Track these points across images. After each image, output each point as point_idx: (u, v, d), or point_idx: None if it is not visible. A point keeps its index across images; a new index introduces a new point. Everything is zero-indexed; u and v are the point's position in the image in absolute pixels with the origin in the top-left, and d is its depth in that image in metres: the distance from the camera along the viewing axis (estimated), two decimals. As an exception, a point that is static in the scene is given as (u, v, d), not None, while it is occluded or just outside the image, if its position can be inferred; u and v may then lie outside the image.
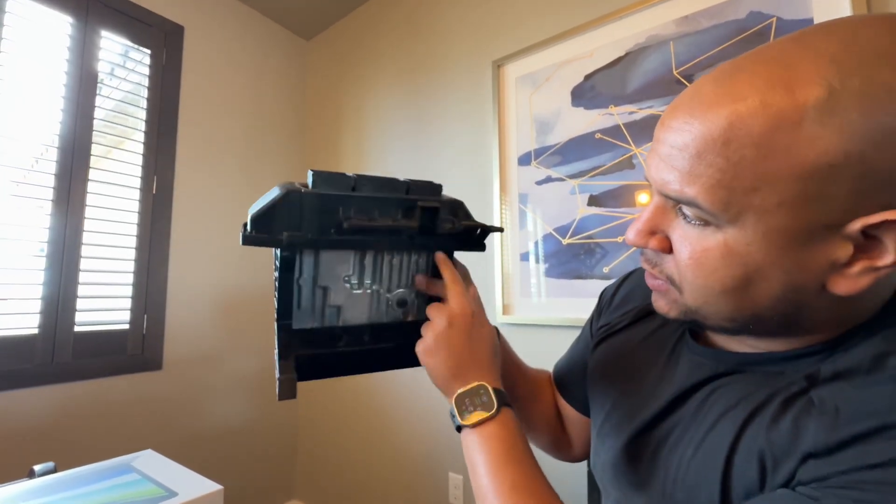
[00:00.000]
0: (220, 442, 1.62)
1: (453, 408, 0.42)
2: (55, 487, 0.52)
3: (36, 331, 1.24)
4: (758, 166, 0.26)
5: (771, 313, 0.30)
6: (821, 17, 0.87)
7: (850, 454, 0.25)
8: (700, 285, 0.31)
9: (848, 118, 0.23)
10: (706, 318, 0.33)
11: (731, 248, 0.29)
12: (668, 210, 0.32)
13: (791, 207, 0.26)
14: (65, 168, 1.31)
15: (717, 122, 0.27)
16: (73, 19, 1.36)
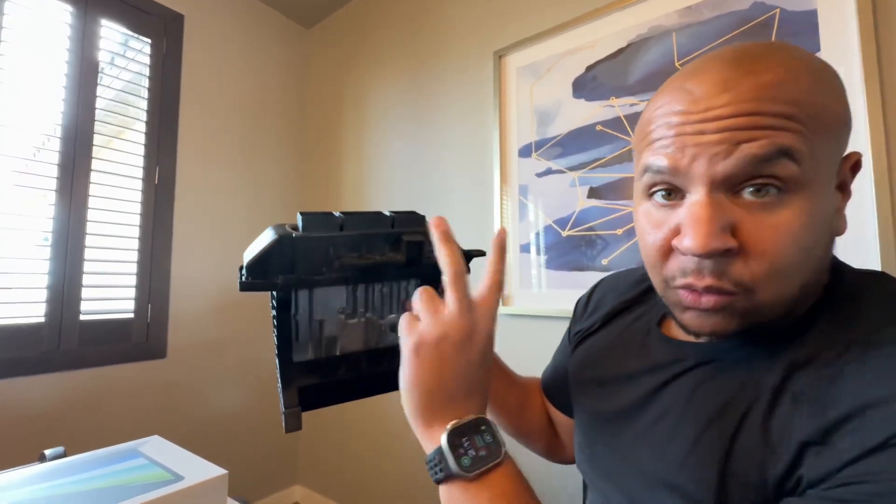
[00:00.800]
0: (224, 429, 1.65)
1: (443, 449, 0.31)
2: (65, 471, 0.54)
3: (42, 319, 1.26)
4: (816, 118, 0.28)
5: (814, 277, 0.32)
6: (825, 8, 0.86)
7: (844, 442, 0.26)
8: (781, 269, 0.29)
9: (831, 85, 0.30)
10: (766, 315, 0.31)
11: (806, 209, 0.29)
12: (723, 202, 0.30)
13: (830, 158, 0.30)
14: (67, 158, 1.32)
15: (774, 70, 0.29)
16: (73, 8, 1.36)
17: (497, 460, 0.31)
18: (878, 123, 0.80)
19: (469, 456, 0.31)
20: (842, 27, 0.84)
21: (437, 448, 0.32)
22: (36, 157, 1.30)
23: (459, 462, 0.31)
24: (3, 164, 1.20)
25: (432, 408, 0.33)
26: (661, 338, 0.42)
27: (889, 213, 0.78)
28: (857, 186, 0.81)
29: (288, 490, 1.87)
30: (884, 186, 0.79)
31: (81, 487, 0.49)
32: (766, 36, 0.92)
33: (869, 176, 0.80)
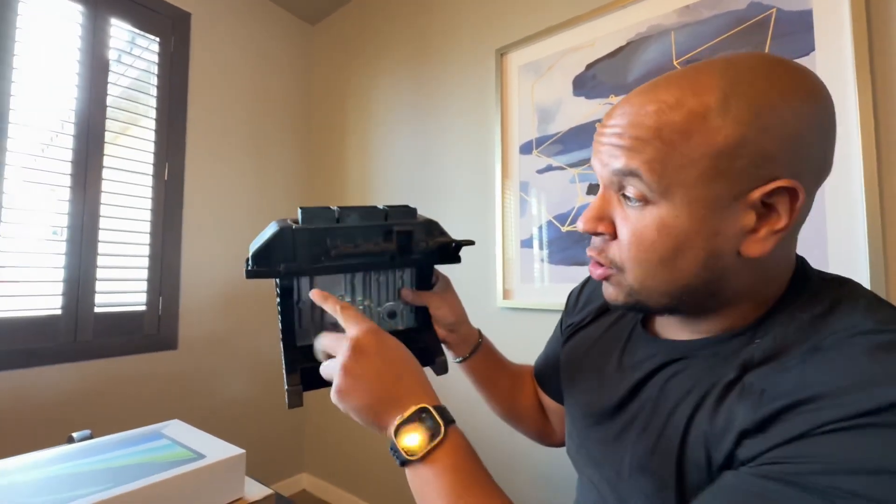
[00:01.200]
0: (232, 417, 1.70)
1: (394, 441, 0.36)
2: (94, 451, 0.58)
3: (59, 311, 1.30)
4: (681, 148, 0.33)
5: (698, 281, 0.35)
6: (820, 8, 0.88)
7: (776, 430, 0.29)
8: (640, 259, 0.36)
9: (738, 113, 0.32)
10: (648, 297, 0.38)
11: (663, 221, 0.34)
12: (612, 198, 0.38)
13: (707, 180, 0.33)
14: (80, 155, 1.35)
15: (648, 114, 0.34)
16: (84, 7, 1.39)
17: (437, 440, 0.35)
18: (868, 123, 0.82)
19: (413, 443, 0.35)
20: (836, 27, 0.86)
21: (391, 443, 0.36)
22: (47, 154, 1.34)
23: (408, 451, 0.35)
24: (18, 159, 1.24)
25: (379, 413, 0.37)
26: (642, 335, 0.46)
27: (878, 213, 0.80)
28: (848, 188, 0.83)
29: (295, 477, 1.92)
30: (873, 186, 0.81)
31: (111, 464, 0.53)
32: (763, 35, 0.94)
33: (859, 176, 0.83)
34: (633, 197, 0.35)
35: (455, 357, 0.60)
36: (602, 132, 0.37)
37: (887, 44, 0.82)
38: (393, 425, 0.36)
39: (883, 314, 0.32)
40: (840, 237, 0.84)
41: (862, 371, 0.28)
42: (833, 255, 0.85)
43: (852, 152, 0.84)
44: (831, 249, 0.85)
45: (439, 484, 0.34)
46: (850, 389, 0.28)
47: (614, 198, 0.38)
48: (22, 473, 0.52)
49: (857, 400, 0.27)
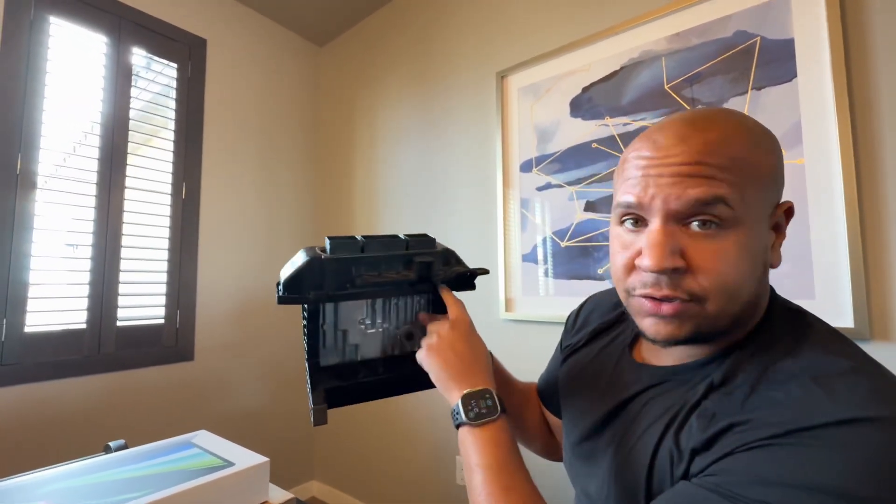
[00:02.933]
0: (244, 426, 1.76)
1: (459, 405, 0.44)
2: (130, 459, 0.64)
3: (84, 326, 1.37)
4: (749, 172, 0.36)
5: (753, 296, 0.39)
6: (801, 38, 0.94)
7: (716, 448, 0.34)
8: (726, 284, 0.36)
9: (765, 143, 0.38)
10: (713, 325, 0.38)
11: (741, 242, 0.36)
12: (676, 231, 0.37)
13: (763, 201, 0.37)
14: (103, 176, 1.43)
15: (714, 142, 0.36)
16: (108, 38, 1.48)
17: (493, 417, 0.44)
18: (847, 143, 0.87)
19: (474, 411, 0.44)
20: (816, 56, 0.92)
21: (456, 405, 0.45)
22: (72, 176, 1.42)
23: (467, 415, 0.44)
24: (46, 181, 1.32)
25: (453, 377, 0.47)
26: (628, 361, 0.50)
27: (857, 227, 0.85)
28: (829, 204, 0.88)
29: (305, 485, 1.98)
30: (852, 202, 0.86)
31: (149, 472, 0.59)
32: (749, 62, 0.99)
33: (839, 192, 0.87)
34: (713, 222, 0.36)
35: None
36: (658, 164, 0.37)
37: (864, 72, 0.87)
38: (462, 392, 0.45)
39: (828, 347, 0.35)
40: (823, 250, 0.89)
41: (792, 400, 0.32)
42: (817, 270, 0.89)
43: (833, 171, 0.88)
44: (815, 260, 0.89)
45: (486, 448, 0.42)
46: (776, 414, 0.32)
47: (678, 230, 0.37)
48: (66, 482, 0.58)
49: (780, 423, 0.31)
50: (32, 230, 1.28)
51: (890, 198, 0.84)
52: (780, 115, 0.95)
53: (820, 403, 0.31)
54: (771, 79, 0.96)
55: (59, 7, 1.38)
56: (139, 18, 1.55)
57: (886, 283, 0.83)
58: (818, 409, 0.31)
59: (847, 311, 0.86)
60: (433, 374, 0.49)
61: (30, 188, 1.28)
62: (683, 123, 0.37)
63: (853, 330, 0.84)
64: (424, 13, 1.71)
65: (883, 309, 0.83)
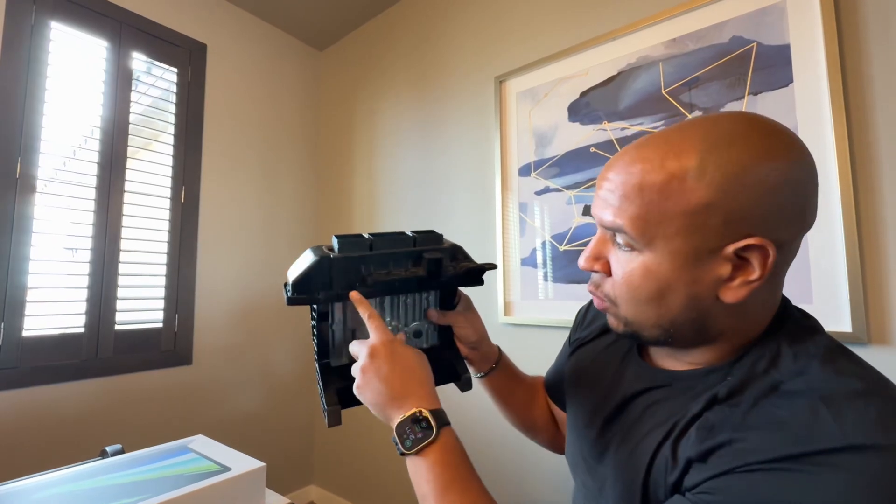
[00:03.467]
0: (242, 430, 1.76)
1: (395, 437, 0.43)
2: (127, 464, 0.64)
3: (82, 329, 1.37)
4: (661, 206, 0.37)
5: (683, 318, 0.39)
6: (797, 44, 0.94)
7: (712, 462, 0.34)
8: (630, 298, 0.41)
9: (712, 177, 0.35)
10: (640, 328, 0.42)
11: (648, 267, 0.39)
12: (608, 241, 0.42)
13: (684, 235, 0.36)
14: (103, 180, 1.44)
15: (633, 175, 0.38)
16: (108, 43, 1.48)
17: (430, 439, 0.42)
18: (843, 148, 0.87)
19: (410, 439, 0.43)
20: (812, 61, 0.92)
21: (393, 437, 0.44)
22: (71, 179, 1.42)
23: (404, 444, 0.43)
24: (46, 184, 1.32)
25: (385, 408, 0.46)
26: (635, 359, 0.50)
27: (854, 231, 0.85)
28: (827, 208, 0.88)
29: (303, 490, 1.97)
30: (849, 206, 0.86)
31: (146, 477, 0.58)
32: (745, 68, 1.00)
33: (836, 196, 0.88)
34: (622, 244, 0.40)
35: (476, 373, 0.65)
36: (601, 185, 0.41)
37: (859, 77, 0.88)
38: (395, 421, 0.44)
39: (837, 365, 0.35)
40: (820, 255, 0.89)
41: (799, 421, 0.32)
42: (815, 275, 0.89)
43: (829, 176, 0.89)
44: (813, 265, 0.90)
45: (429, 475, 0.41)
46: (780, 436, 0.32)
47: (609, 240, 0.42)
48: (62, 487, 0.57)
49: (783, 446, 0.31)
50: (31, 234, 1.28)
51: (887, 202, 0.84)
52: (776, 120, 0.95)
53: (826, 426, 0.30)
54: (767, 84, 0.97)
55: (60, 12, 1.38)
56: (140, 23, 1.56)
57: (884, 287, 0.84)
58: (824, 433, 0.30)
59: (845, 315, 0.86)
60: (372, 409, 0.47)
61: (29, 192, 1.29)
62: (626, 150, 0.41)
63: (851, 334, 0.84)
64: (424, 18, 1.72)
65: (880, 313, 0.84)
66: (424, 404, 0.45)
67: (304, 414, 2.00)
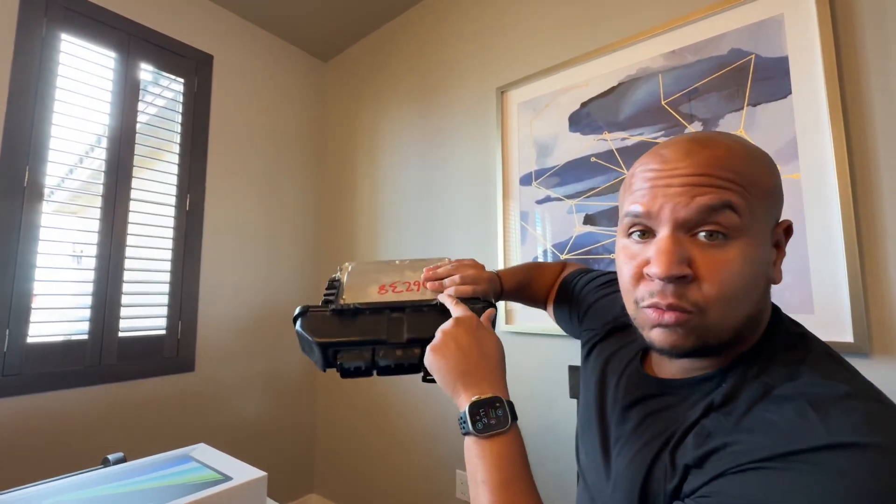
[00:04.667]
0: (243, 438, 1.75)
1: (466, 415, 0.42)
2: (129, 473, 0.65)
3: (86, 336, 1.38)
4: (754, 186, 0.37)
5: (756, 310, 0.39)
6: (795, 55, 0.95)
7: (709, 467, 0.34)
8: (728, 295, 0.36)
9: (768, 164, 0.40)
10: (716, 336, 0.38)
11: (746, 253, 0.37)
12: (683, 240, 0.37)
13: (767, 216, 0.39)
14: (110, 189, 1.45)
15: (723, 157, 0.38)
16: (117, 54, 1.51)
17: (503, 429, 0.42)
18: (842, 158, 0.87)
19: (482, 422, 0.42)
20: (810, 73, 0.93)
21: (463, 413, 0.43)
22: (78, 188, 1.44)
23: (475, 426, 0.42)
24: (54, 193, 1.34)
25: (458, 381, 0.45)
26: (637, 368, 0.51)
27: (854, 241, 0.85)
28: (826, 218, 0.89)
29: (304, 498, 1.96)
30: (849, 216, 0.86)
31: (148, 486, 0.59)
32: (744, 80, 1.01)
33: (836, 206, 0.88)
34: (720, 232, 0.36)
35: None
36: (666, 175, 0.38)
37: (857, 88, 0.89)
38: (470, 399, 0.43)
39: (827, 370, 0.36)
40: (821, 265, 0.89)
41: (787, 423, 0.33)
42: (816, 285, 0.89)
43: (829, 186, 0.89)
44: (814, 275, 0.90)
45: (494, 463, 0.41)
46: (769, 437, 0.32)
47: (686, 239, 0.37)
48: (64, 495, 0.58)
49: (772, 446, 0.32)
50: (38, 241, 1.30)
51: (886, 212, 0.84)
52: (775, 131, 0.96)
53: (814, 427, 0.31)
54: (766, 95, 0.98)
55: (70, 24, 1.41)
56: (148, 35, 1.59)
57: (885, 297, 0.83)
58: (812, 433, 0.31)
59: (846, 325, 0.86)
60: (438, 377, 0.47)
61: (37, 200, 1.30)
62: (689, 141, 0.40)
63: (852, 345, 0.84)
64: (426, 30, 1.75)
65: (882, 324, 0.83)
66: (502, 393, 0.44)
67: (306, 422, 2.00)
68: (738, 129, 1.01)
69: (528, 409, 1.30)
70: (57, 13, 1.39)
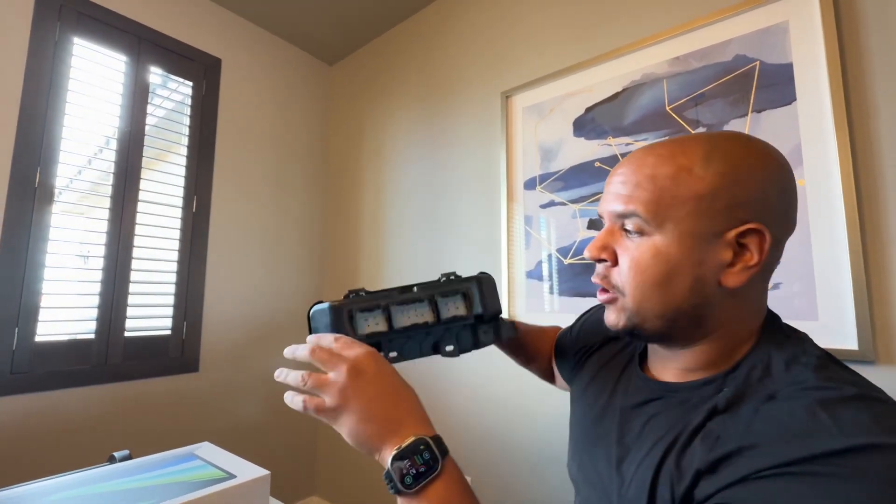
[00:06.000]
0: (248, 439, 1.76)
1: (391, 473, 0.37)
2: (135, 470, 0.65)
3: (93, 336, 1.40)
4: (672, 191, 0.40)
5: (687, 305, 0.41)
6: (800, 62, 0.95)
7: (724, 472, 0.34)
8: (638, 282, 0.42)
9: (717, 166, 0.40)
10: (643, 319, 0.43)
11: (657, 248, 0.41)
12: (616, 232, 0.45)
13: (693, 218, 0.40)
14: (118, 190, 1.47)
15: (646, 167, 0.42)
16: (127, 58, 1.54)
17: (434, 473, 0.37)
18: (847, 165, 0.87)
19: (410, 475, 0.37)
20: (815, 80, 0.93)
21: (387, 471, 0.38)
22: (87, 189, 1.46)
23: (403, 482, 0.36)
24: (63, 193, 1.36)
25: (373, 437, 0.39)
26: (636, 372, 0.51)
27: (859, 248, 0.85)
28: (831, 224, 0.89)
29: (306, 500, 1.96)
30: (853, 223, 0.86)
31: (153, 482, 0.60)
32: (749, 86, 1.01)
33: (840, 213, 0.88)
34: (632, 230, 0.42)
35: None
36: (611, 181, 0.45)
37: (862, 95, 0.89)
38: (390, 453, 0.38)
39: (830, 372, 0.36)
40: (825, 272, 0.89)
41: (799, 424, 0.33)
42: (820, 292, 0.89)
43: (833, 192, 0.89)
44: (818, 282, 0.89)
45: None
46: (785, 440, 0.32)
47: (617, 231, 0.44)
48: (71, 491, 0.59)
49: (789, 450, 0.32)
50: (48, 241, 1.32)
51: (891, 219, 0.84)
52: (780, 138, 0.96)
53: (827, 430, 0.31)
54: (771, 102, 0.98)
55: (83, 28, 1.44)
56: (158, 39, 1.61)
57: (890, 305, 0.83)
58: (826, 436, 0.31)
59: (851, 333, 0.85)
60: (355, 443, 0.40)
61: (47, 201, 1.32)
62: (633, 153, 0.45)
63: (857, 352, 0.84)
64: (432, 34, 1.76)
65: (887, 332, 0.83)
66: (423, 431, 0.39)
67: (308, 424, 2.00)
68: (743, 135, 1.01)
69: (533, 401, 1.30)
70: (70, 17, 1.41)
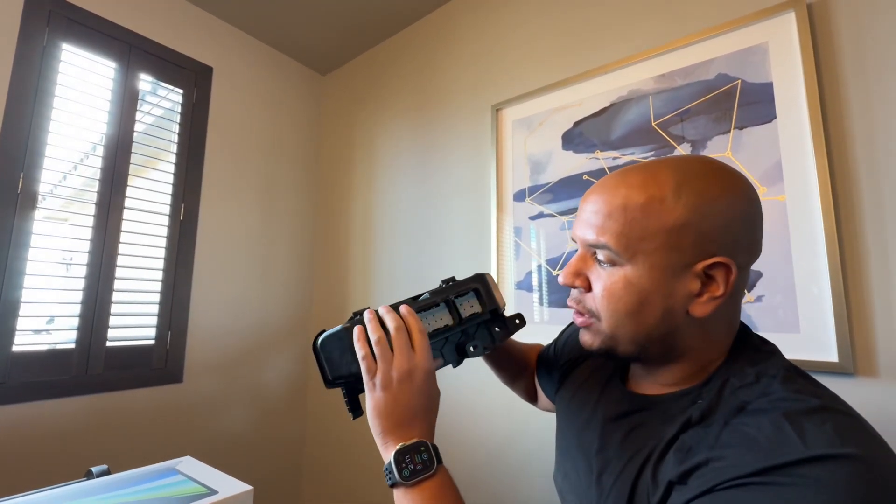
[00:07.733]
0: (232, 452, 1.72)
1: (392, 464, 0.43)
2: (113, 486, 0.64)
3: (73, 345, 1.36)
4: (643, 223, 0.41)
5: (657, 332, 0.42)
6: (779, 82, 0.99)
7: (693, 483, 0.35)
8: (612, 310, 0.43)
9: (688, 200, 0.40)
10: (617, 343, 0.44)
11: (629, 280, 0.42)
12: (588, 258, 0.46)
13: (663, 251, 0.41)
14: (104, 197, 1.45)
15: (618, 197, 0.43)
16: (117, 64, 1.53)
17: (429, 473, 0.43)
18: (825, 180, 0.90)
19: (408, 469, 0.43)
20: (793, 99, 0.96)
21: (388, 463, 0.44)
22: (72, 195, 1.44)
23: (401, 474, 0.42)
24: (47, 200, 1.34)
25: (389, 431, 0.45)
26: (617, 384, 0.52)
27: (837, 262, 0.87)
28: (812, 238, 0.91)
29: (291, 515, 1.91)
30: (832, 237, 0.88)
31: (132, 499, 0.58)
32: (731, 103, 1.04)
33: (819, 227, 0.90)
34: (604, 261, 0.44)
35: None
36: (583, 208, 0.46)
37: (839, 114, 0.92)
38: (395, 447, 0.44)
39: (797, 385, 0.38)
40: (806, 285, 0.91)
41: (766, 436, 0.34)
42: (801, 305, 0.91)
43: (812, 207, 0.92)
44: (799, 295, 0.91)
45: None
46: (752, 451, 0.33)
47: (589, 258, 0.46)
48: (49, 506, 0.57)
49: (755, 461, 0.33)
50: (28, 248, 1.29)
51: (867, 232, 0.87)
52: (761, 154, 0.99)
53: (790, 441, 0.33)
54: (752, 119, 1.01)
55: (72, 34, 1.43)
56: (148, 46, 1.60)
57: (869, 318, 0.85)
58: (790, 447, 0.32)
59: (831, 346, 0.87)
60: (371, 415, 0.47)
61: (29, 207, 1.30)
62: (608, 177, 0.46)
63: (837, 365, 0.85)
64: (424, 48, 1.78)
65: (866, 345, 0.85)
66: (428, 437, 0.45)
67: (293, 436, 1.97)
68: (725, 152, 1.03)
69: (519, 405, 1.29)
70: (59, 23, 1.41)
